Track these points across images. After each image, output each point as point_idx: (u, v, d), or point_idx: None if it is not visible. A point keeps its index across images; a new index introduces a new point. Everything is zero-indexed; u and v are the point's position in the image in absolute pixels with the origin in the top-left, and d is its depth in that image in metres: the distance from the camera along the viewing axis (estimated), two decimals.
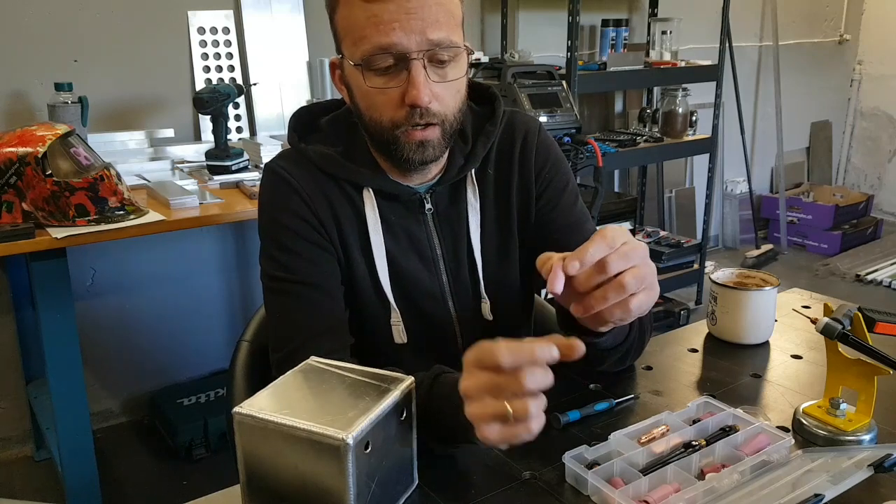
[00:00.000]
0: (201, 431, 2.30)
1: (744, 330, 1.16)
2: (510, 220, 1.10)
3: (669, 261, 3.34)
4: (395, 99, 0.92)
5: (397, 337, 1.05)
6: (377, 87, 0.92)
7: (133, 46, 2.32)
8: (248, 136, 2.51)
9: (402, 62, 0.90)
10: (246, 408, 0.70)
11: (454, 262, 1.07)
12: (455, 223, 1.07)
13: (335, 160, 1.01)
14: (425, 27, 0.89)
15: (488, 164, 1.09)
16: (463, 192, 1.07)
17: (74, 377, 1.79)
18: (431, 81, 0.91)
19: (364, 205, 1.02)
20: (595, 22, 3.35)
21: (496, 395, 0.70)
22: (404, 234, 1.04)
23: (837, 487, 0.78)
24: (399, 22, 0.88)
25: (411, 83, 0.90)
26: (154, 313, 2.52)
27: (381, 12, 0.88)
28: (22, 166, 1.61)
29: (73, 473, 1.84)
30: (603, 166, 2.59)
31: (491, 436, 0.71)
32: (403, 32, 0.88)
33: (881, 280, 3.71)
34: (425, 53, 0.90)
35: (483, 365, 0.71)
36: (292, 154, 1.04)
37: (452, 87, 0.95)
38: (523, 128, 1.12)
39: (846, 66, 4.77)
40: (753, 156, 4.35)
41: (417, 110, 0.92)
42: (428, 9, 0.89)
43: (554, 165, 1.13)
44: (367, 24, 0.89)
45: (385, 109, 0.93)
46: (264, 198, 1.04)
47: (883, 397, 0.90)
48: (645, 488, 0.78)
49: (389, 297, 1.03)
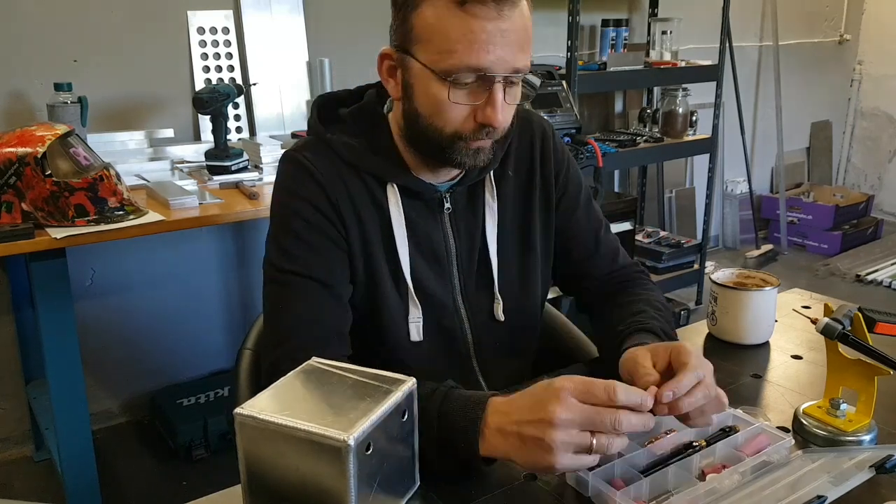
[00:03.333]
0: (201, 432, 2.29)
1: (744, 330, 1.16)
2: (531, 223, 1.10)
3: (669, 261, 3.34)
4: (467, 112, 0.92)
5: (414, 334, 1.04)
6: (457, 102, 0.91)
7: (133, 46, 2.32)
8: (247, 136, 2.50)
9: (485, 81, 0.90)
10: (247, 409, 0.70)
11: (467, 262, 1.07)
12: (471, 223, 1.07)
13: (362, 153, 1.00)
14: (515, 53, 0.89)
15: (507, 165, 1.09)
16: (481, 192, 1.07)
17: (74, 377, 1.78)
18: (507, 104, 0.92)
19: (388, 200, 1.01)
20: (595, 22, 3.35)
21: (586, 427, 0.74)
22: (423, 232, 1.04)
23: (839, 488, 0.78)
24: (494, 45, 0.87)
25: (491, 105, 0.90)
26: (154, 313, 2.51)
27: (478, 30, 0.86)
28: (21, 166, 1.61)
29: (72, 474, 1.84)
30: (603, 166, 2.59)
31: (562, 464, 0.74)
32: (496, 57, 0.88)
33: (881, 280, 3.70)
34: (506, 78, 0.90)
35: (587, 398, 0.74)
36: (316, 143, 1.02)
37: (515, 106, 0.96)
38: (539, 129, 1.13)
39: (846, 66, 4.77)
40: (753, 156, 4.35)
41: (487, 129, 0.92)
42: (517, 33, 0.89)
43: (570, 169, 1.15)
44: (462, 38, 0.87)
45: (453, 120, 0.92)
46: (280, 183, 1.01)
47: (883, 397, 0.90)
48: (646, 489, 0.78)
49: (412, 292, 1.03)
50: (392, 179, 1.01)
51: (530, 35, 0.92)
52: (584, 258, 1.16)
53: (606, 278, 1.16)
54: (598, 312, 1.14)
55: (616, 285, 1.15)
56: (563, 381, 0.75)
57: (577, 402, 0.74)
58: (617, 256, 1.18)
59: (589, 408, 0.74)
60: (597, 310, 1.15)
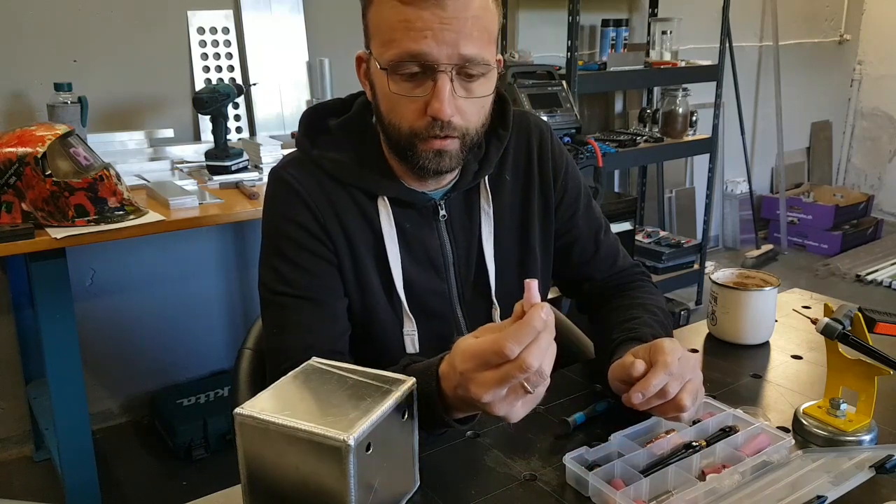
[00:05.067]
0: (201, 432, 2.29)
1: (744, 330, 1.16)
2: (529, 226, 1.09)
3: (669, 261, 3.34)
4: (417, 107, 0.90)
5: (409, 346, 1.03)
6: (400, 94, 0.90)
7: (133, 46, 2.32)
8: (247, 136, 2.50)
9: (429, 72, 0.88)
10: (247, 409, 0.70)
11: (465, 269, 1.06)
12: (468, 230, 1.05)
13: (349, 168, 0.99)
14: (458, 40, 0.87)
15: (505, 168, 1.08)
16: (476, 198, 1.06)
17: (74, 377, 1.78)
18: (457, 96, 0.90)
19: (378, 213, 1.00)
20: (595, 22, 3.35)
21: (507, 382, 0.71)
22: (417, 241, 1.02)
23: (839, 489, 0.78)
24: (432, 31, 0.86)
25: (436, 96, 0.88)
26: (154, 314, 2.52)
27: (414, 18, 0.86)
28: (21, 166, 1.61)
29: (72, 474, 1.84)
30: (603, 166, 2.59)
31: (518, 417, 0.74)
32: (435, 42, 0.86)
33: (881, 280, 3.70)
34: (454, 67, 0.88)
35: (489, 365, 0.71)
36: (302, 160, 1.01)
37: (478, 103, 0.93)
38: (536, 131, 1.11)
39: (846, 66, 4.77)
40: (753, 156, 4.35)
41: (438, 123, 0.90)
42: (463, 21, 0.86)
43: (569, 171, 1.13)
44: (399, 27, 0.87)
45: (406, 116, 0.91)
46: (269, 206, 1.01)
47: (883, 397, 0.90)
48: (646, 489, 0.78)
49: (405, 306, 1.02)
50: (381, 192, 1.00)
51: (486, 25, 0.89)
52: (584, 261, 1.15)
53: (606, 280, 1.16)
54: (595, 314, 1.14)
55: (615, 287, 1.14)
56: (461, 359, 0.73)
57: (484, 370, 0.71)
58: (617, 258, 1.17)
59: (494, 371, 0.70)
60: (594, 312, 1.15)
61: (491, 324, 0.76)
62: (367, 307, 1.01)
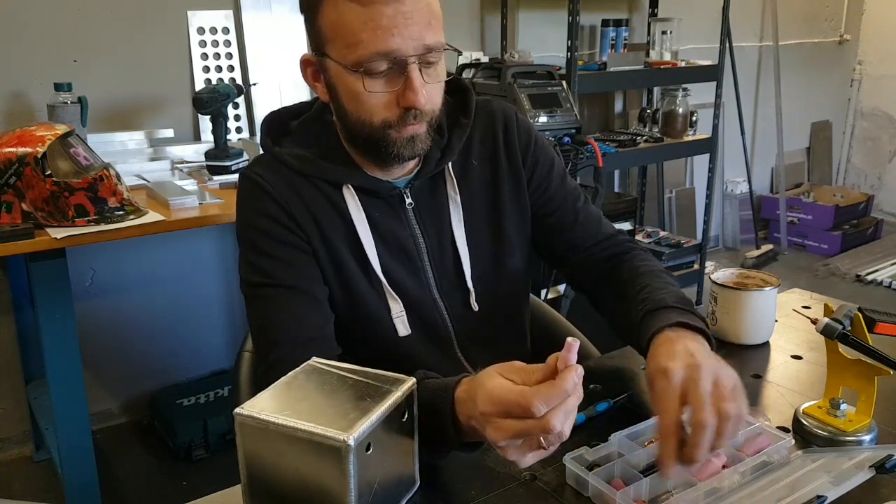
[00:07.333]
0: (201, 432, 2.29)
1: (744, 330, 1.16)
2: (502, 211, 1.10)
3: (669, 261, 3.34)
4: (389, 100, 0.93)
5: (401, 329, 1.04)
6: (375, 91, 0.92)
7: (133, 46, 2.32)
8: (247, 136, 2.50)
9: (399, 66, 0.91)
10: (247, 409, 0.70)
11: (439, 256, 1.07)
12: (438, 218, 1.07)
13: (311, 160, 1.02)
14: (421, 31, 0.90)
15: (471, 154, 1.09)
16: (443, 186, 1.07)
17: (74, 378, 1.78)
18: (425, 83, 0.93)
19: (346, 202, 1.02)
20: (595, 22, 3.35)
21: (526, 436, 0.71)
22: (387, 230, 1.04)
23: (839, 488, 0.78)
24: (397, 27, 0.88)
25: (409, 87, 0.91)
26: (154, 313, 2.51)
27: (378, 17, 0.88)
28: (21, 166, 1.61)
29: (72, 474, 1.84)
30: (603, 166, 2.58)
31: (526, 465, 0.74)
32: (402, 38, 0.89)
33: (881, 280, 3.70)
34: (419, 57, 0.91)
35: (511, 415, 0.71)
36: (266, 159, 1.04)
37: (439, 85, 0.97)
38: (501, 115, 1.12)
39: (846, 66, 4.77)
40: (753, 156, 4.35)
41: (412, 112, 0.93)
42: (420, 12, 0.90)
43: (537, 146, 1.14)
44: (364, 28, 0.89)
45: (378, 111, 0.94)
46: (239, 206, 1.05)
47: (883, 398, 0.90)
48: (646, 489, 0.78)
49: (387, 288, 1.03)
50: (346, 181, 1.02)
51: (436, 10, 0.93)
52: (565, 229, 1.14)
53: (593, 249, 1.14)
54: (600, 292, 1.12)
55: (608, 259, 1.13)
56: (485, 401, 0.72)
57: (505, 419, 0.71)
58: (600, 225, 1.16)
59: (515, 422, 0.70)
60: (595, 288, 1.13)
61: (519, 363, 0.75)
62: (351, 294, 1.03)
